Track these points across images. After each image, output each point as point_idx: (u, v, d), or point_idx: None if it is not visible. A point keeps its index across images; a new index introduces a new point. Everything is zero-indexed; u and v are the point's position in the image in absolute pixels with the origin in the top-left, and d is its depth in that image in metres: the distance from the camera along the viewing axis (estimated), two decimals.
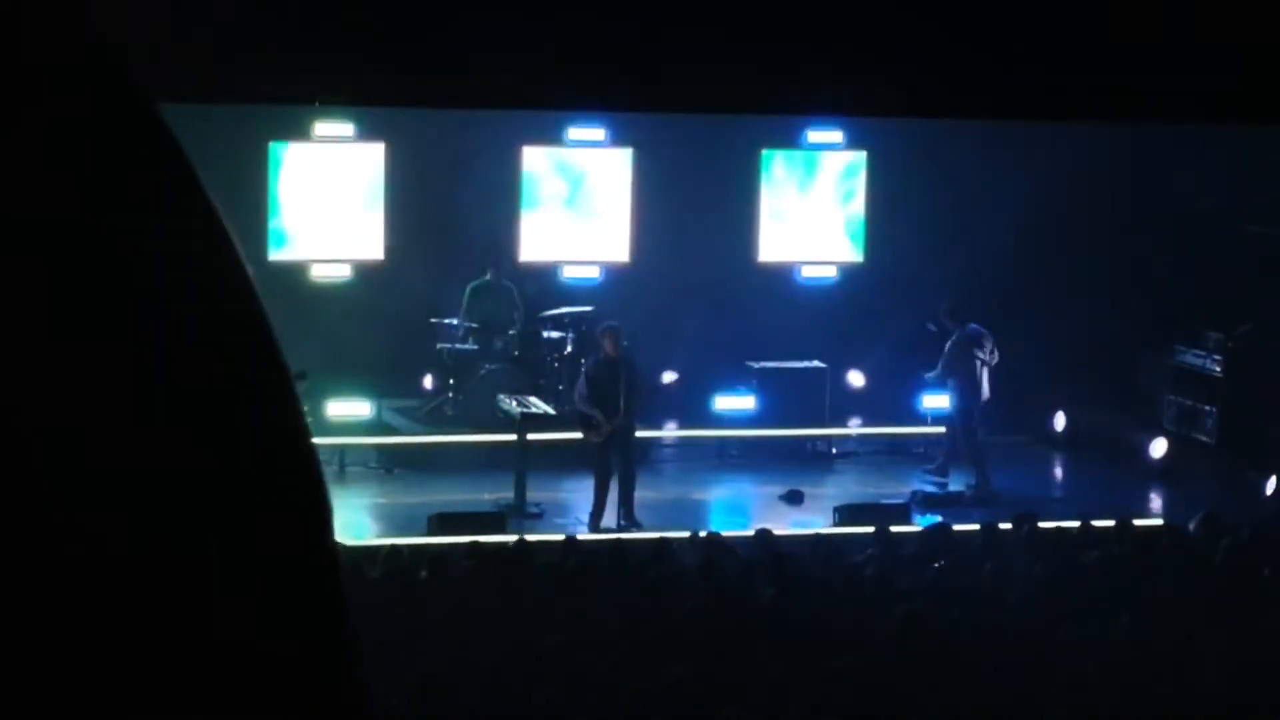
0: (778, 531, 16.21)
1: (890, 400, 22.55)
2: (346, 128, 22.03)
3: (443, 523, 17.23)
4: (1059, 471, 22.08)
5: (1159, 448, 21.39)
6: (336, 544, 0.82)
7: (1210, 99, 12.26)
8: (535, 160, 22.90)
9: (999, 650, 12.12)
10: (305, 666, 0.79)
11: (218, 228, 0.89)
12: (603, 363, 18.82)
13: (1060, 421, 22.63)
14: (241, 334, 0.86)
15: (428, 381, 21.81)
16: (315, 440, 0.94)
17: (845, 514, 18.20)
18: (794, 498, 19.74)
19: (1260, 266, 22.03)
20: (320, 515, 0.85)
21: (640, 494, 18.46)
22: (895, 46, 11.14)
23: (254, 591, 0.77)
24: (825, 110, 20.46)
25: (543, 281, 22.65)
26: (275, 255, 21.94)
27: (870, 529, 16.23)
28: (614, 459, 18.39)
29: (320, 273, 22.27)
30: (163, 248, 0.85)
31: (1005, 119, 18.77)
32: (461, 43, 10.79)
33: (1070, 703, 11.42)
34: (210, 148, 19.67)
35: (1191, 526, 15.91)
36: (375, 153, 22.21)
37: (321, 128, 21.96)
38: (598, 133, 22.88)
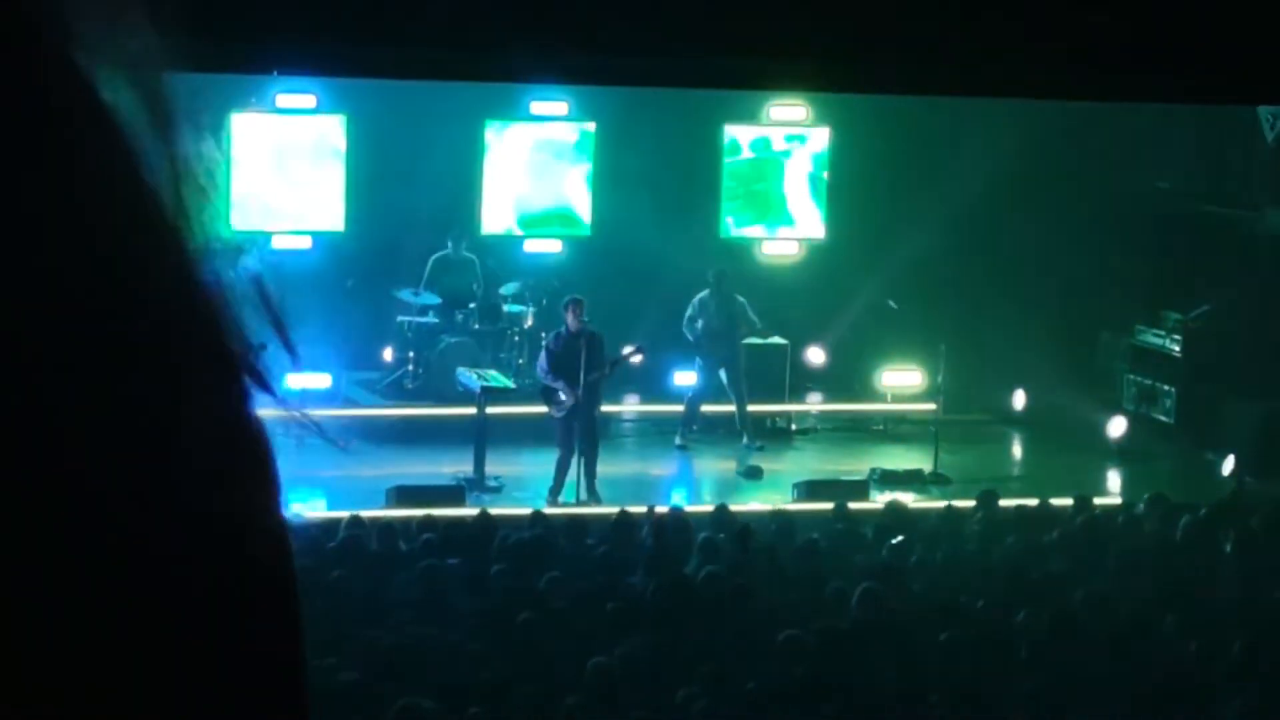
0: (734, 507, 16.22)
1: (850, 377, 22.58)
2: (308, 99, 21.94)
3: (401, 495, 17.17)
4: (1017, 450, 22.12)
5: (1118, 427, 21.43)
6: (286, 526, 0.77)
7: (1180, 80, 12.27)
8: (497, 133, 22.83)
9: (956, 628, 12.14)
10: (248, 654, 0.75)
11: (132, 172, 0.78)
12: (564, 336, 18.70)
13: (1019, 400, 22.67)
14: (166, 290, 0.76)
15: (388, 354, 21.74)
16: (272, 412, 0.88)
17: (804, 490, 18.20)
18: (753, 474, 19.74)
19: (1219, 247, 22.09)
20: (269, 492, 0.79)
21: (600, 469, 18.42)
22: (865, 21, 11.12)
23: (201, 576, 0.73)
24: (788, 85, 20.43)
25: (503, 255, 22.60)
26: (234, 226, 21.84)
27: (829, 505, 16.26)
28: (576, 433, 18.30)
29: (280, 243, 22.18)
30: (65, 197, 0.74)
31: (973, 96, 18.74)
32: (421, 12, 10.73)
33: (1027, 681, 11.44)
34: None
35: (1141, 507, 15.96)
36: (336, 124, 22.12)
37: (283, 99, 21.86)
38: (560, 106, 22.81)
